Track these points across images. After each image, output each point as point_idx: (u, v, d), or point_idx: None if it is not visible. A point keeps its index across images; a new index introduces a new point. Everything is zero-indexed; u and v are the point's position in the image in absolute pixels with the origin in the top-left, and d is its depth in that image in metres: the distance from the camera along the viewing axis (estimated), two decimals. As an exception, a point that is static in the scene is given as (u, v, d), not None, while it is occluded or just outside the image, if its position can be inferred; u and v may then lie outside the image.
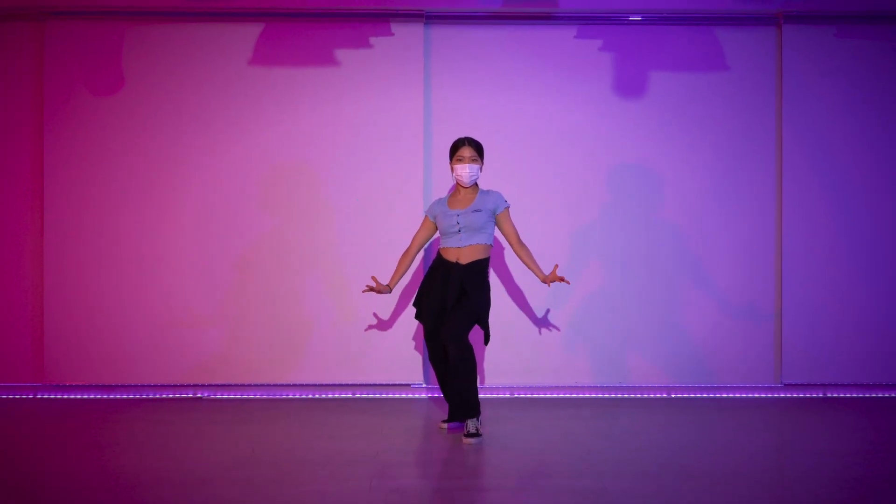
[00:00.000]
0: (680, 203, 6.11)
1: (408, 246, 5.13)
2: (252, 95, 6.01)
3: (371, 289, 5.10)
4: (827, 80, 6.08)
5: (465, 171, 4.90)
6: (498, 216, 4.95)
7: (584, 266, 6.09)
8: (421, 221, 5.15)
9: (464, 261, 4.89)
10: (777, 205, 6.12)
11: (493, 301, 5.37)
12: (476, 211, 4.89)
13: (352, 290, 6.01)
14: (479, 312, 4.85)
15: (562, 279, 4.97)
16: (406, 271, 5.14)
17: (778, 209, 6.12)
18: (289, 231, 6.03)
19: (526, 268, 5.15)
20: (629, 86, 6.10)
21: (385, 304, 6.02)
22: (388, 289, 5.09)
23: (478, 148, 4.95)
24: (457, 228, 4.88)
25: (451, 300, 4.83)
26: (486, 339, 4.99)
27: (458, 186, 5.00)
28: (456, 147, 4.97)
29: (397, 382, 6.06)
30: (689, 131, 6.11)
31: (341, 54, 6.02)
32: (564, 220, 6.09)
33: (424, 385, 6.07)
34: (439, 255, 4.99)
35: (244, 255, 6.02)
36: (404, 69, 6.01)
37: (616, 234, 6.10)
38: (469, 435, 4.70)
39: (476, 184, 5.00)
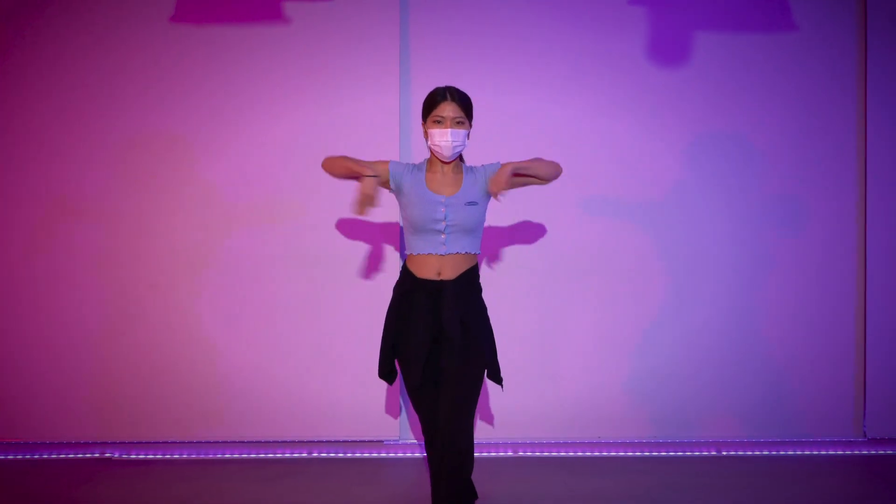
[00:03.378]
0: (735, 199, 4.74)
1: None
2: (176, 59, 4.62)
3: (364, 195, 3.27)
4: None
5: (447, 138, 3.32)
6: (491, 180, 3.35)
7: (603, 281, 4.73)
8: (377, 160, 3.45)
9: (449, 275, 3.35)
10: (860, 202, 4.76)
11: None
12: (471, 204, 3.36)
13: (308, 320, 4.64)
14: (487, 359, 3.35)
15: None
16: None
17: (861, 208, 4.76)
18: (229, 235, 4.64)
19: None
20: (668, 50, 4.73)
21: (352, 341, 4.65)
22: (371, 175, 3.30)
23: (465, 104, 3.38)
24: (442, 225, 3.33)
25: (452, 341, 3.29)
26: (499, 381, 3.42)
27: (434, 160, 3.42)
28: (433, 101, 3.37)
29: (367, 439, 4.68)
30: (745, 108, 4.74)
31: (290, 8, 4.61)
32: (577, 220, 4.71)
33: (400, 441, 4.70)
34: (408, 275, 3.39)
35: (167, 269, 4.64)
36: (377, 24, 4.62)
37: (647, 238, 4.72)
38: None
39: (460, 157, 3.46)
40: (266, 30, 4.62)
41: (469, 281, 3.37)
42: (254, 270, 4.65)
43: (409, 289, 3.37)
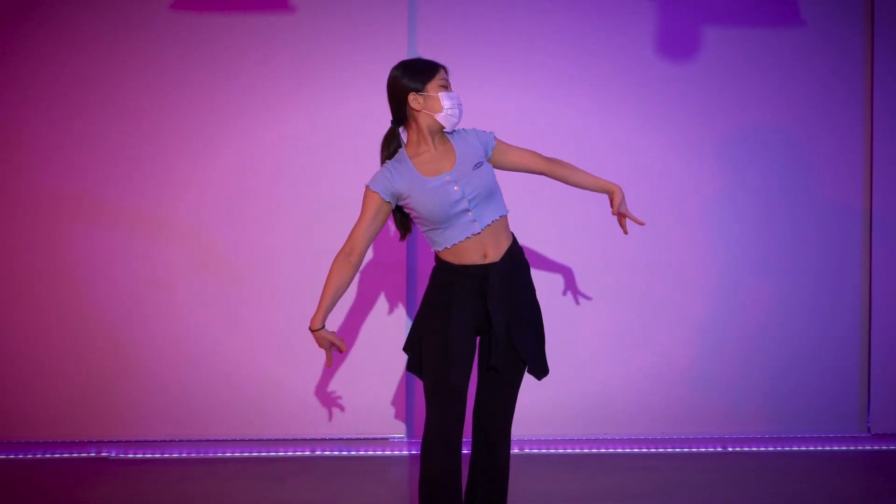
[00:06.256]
0: (739, 197, 4.73)
1: (345, 248, 3.04)
2: (176, 49, 4.52)
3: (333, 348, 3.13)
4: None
5: (457, 101, 2.97)
6: (496, 153, 3.09)
7: (609, 278, 4.70)
8: (363, 204, 3.01)
9: (494, 255, 2.99)
10: (865, 200, 4.77)
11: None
12: (477, 165, 2.98)
13: (307, 315, 4.56)
14: (532, 357, 3.04)
15: (634, 219, 3.26)
16: (343, 292, 3.12)
17: (867, 206, 4.76)
18: (232, 232, 4.55)
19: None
20: (673, 44, 4.69)
21: (356, 338, 4.57)
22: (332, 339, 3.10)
23: None
24: (464, 202, 2.94)
25: (498, 339, 2.97)
26: (544, 372, 3.10)
27: (421, 139, 3.01)
28: (433, 67, 2.99)
29: (371, 436, 4.62)
30: (750, 103, 4.72)
31: (295, -3, 4.54)
32: (584, 216, 4.66)
33: (406, 439, 4.64)
34: (445, 266, 3.02)
35: (167, 265, 4.53)
36: (385, 15, 4.55)
37: (651, 234, 4.68)
38: None
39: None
40: (270, 19, 4.52)
41: (514, 258, 3.04)
42: (256, 267, 4.56)
43: (451, 280, 2.99)
